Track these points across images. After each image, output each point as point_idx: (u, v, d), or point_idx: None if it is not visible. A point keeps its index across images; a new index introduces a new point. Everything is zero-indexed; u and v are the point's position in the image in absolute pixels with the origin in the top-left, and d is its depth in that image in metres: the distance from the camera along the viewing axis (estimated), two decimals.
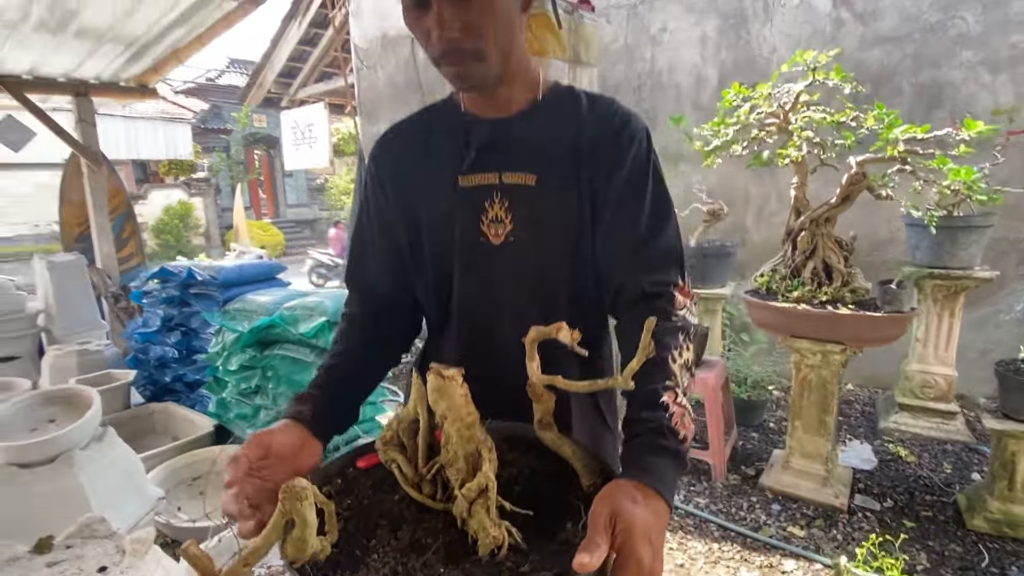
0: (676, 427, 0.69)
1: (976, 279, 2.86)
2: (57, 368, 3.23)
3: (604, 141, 0.86)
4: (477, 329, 0.93)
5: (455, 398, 0.68)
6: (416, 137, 0.94)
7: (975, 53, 3.29)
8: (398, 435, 0.76)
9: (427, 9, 0.75)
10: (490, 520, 0.60)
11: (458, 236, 0.89)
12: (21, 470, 1.71)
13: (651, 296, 0.82)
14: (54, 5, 3.23)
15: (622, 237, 0.85)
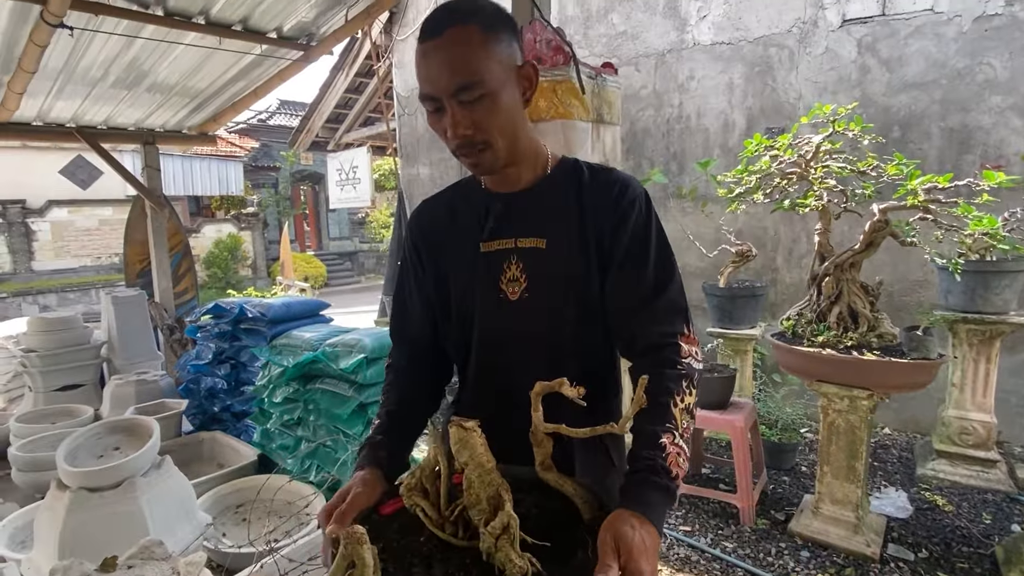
0: (670, 466, 0.80)
1: (1011, 324, 2.81)
2: (117, 396, 3.48)
3: (605, 207, 0.97)
4: (496, 375, 1.06)
5: (476, 447, 0.80)
6: (445, 210, 1.09)
7: (1004, 98, 3.29)
8: (421, 482, 0.87)
9: (444, 112, 0.88)
10: (515, 552, 0.70)
11: (479, 293, 1.02)
12: (91, 494, 1.88)
13: (659, 347, 0.92)
14: (131, 65, 3.60)
15: (630, 294, 0.95)
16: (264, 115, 16.50)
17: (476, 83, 0.85)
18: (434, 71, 0.86)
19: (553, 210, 0.99)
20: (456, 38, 0.85)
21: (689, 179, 4.24)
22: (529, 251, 0.99)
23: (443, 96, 0.86)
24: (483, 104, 0.87)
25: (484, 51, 0.85)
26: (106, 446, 2.16)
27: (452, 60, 0.85)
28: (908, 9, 3.48)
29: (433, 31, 0.86)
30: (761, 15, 3.91)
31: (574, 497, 0.85)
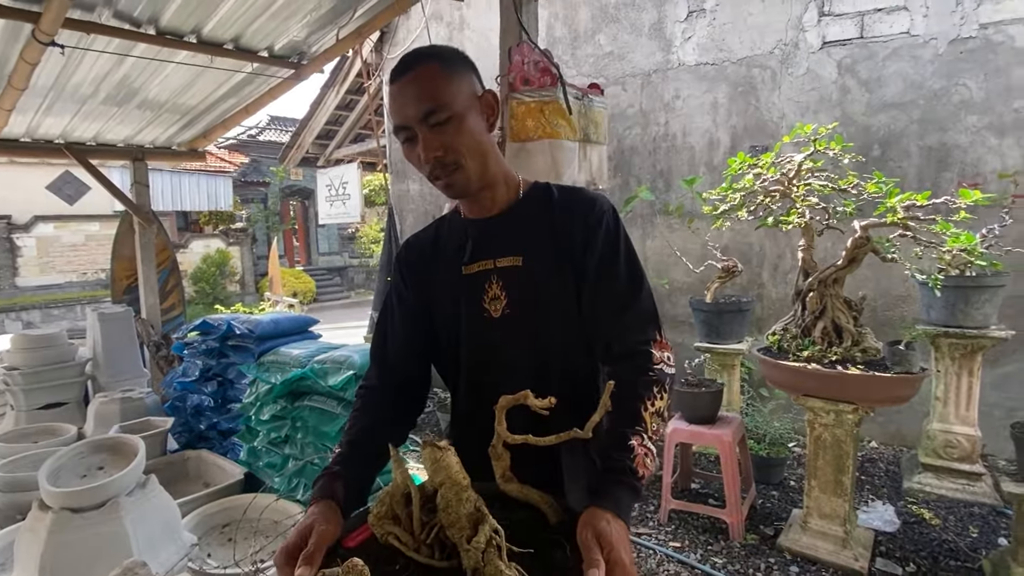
0: (637, 467, 0.85)
1: (992, 338, 2.87)
2: (102, 414, 3.42)
3: (575, 224, 1.03)
4: (486, 391, 1.05)
5: (452, 466, 0.81)
6: (430, 243, 1.16)
7: (979, 118, 3.39)
8: (391, 509, 0.86)
9: (415, 142, 0.97)
10: (503, 563, 0.71)
11: (465, 313, 1.07)
12: (73, 515, 1.84)
13: (632, 355, 0.97)
14: (122, 83, 3.62)
15: (603, 305, 1.01)
16: (254, 131, 16.53)
17: (441, 107, 0.94)
18: (404, 103, 0.96)
19: (527, 230, 1.05)
20: (420, 74, 0.96)
21: (675, 196, 4.31)
22: (507, 270, 1.05)
23: (413, 123, 0.95)
24: (450, 126, 0.95)
25: (445, 81, 0.96)
26: (90, 465, 2.13)
27: (419, 91, 0.95)
28: (885, 32, 3.59)
29: (402, 72, 0.97)
30: (744, 37, 4.01)
31: (539, 504, 0.87)
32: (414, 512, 0.83)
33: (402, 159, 5.77)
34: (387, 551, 0.83)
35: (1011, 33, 3.28)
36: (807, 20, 3.78)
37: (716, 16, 4.08)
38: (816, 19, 3.75)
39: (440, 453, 0.80)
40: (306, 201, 18.31)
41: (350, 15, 3.25)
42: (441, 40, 5.33)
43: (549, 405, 0.83)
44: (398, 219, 5.64)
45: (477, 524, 0.78)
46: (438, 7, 5.21)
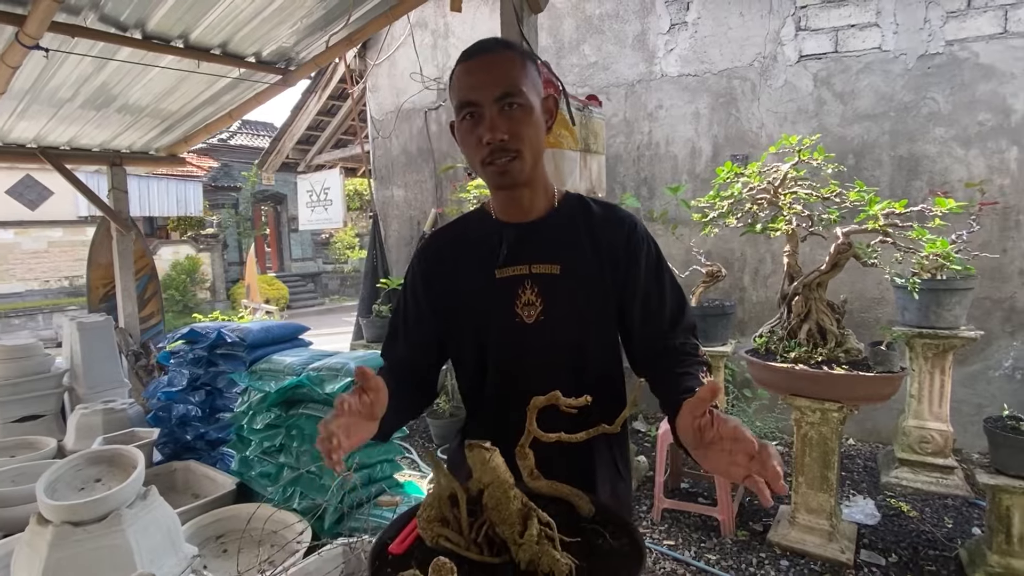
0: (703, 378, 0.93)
1: (962, 338, 3.02)
2: (83, 426, 3.33)
3: (618, 244, 1.06)
4: (514, 397, 1.06)
5: (499, 467, 0.84)
6: (456, 241, 1.15)
7: (946, 130, 3.59)
8: (440, 511, 0.89)
9: (481, 119, 0.96)
10: (558, 553, 0.75)
11: (495, 317, 1.07)
12: (75, 528, 1.81)
13: (681, 351, 1.03)
14: (102, 87, 3.54)
15: (655, 325, 1.06)
16: (225, 135, 16.20)
17: (517, 92, 0.95)
18: (478, 81, 0.96)
19: (566, 239, 1.06)
20: (501, 58, 0.97)
21: (659, 203, 4.41)
22: (543, 276, 1.05)
23: (485, 102, 0.95)
24: (521, 113, 0.96)
25: (523, 71, 0.98)
26: (87, 478, 2.08)
27: (497, 71, 0.96)
28: (858, 47, 3.76)
29: (478, 52, 0.98)
30: (724, 50, 4.15)
31: (570, 497, 0.91)
32: (461, 513, 0.87)
33: (387, 164, 5.77)
34: (435, 553, 0.85)
35: (975, 50, 3.48)
36: (785, 34, 3.94)
37: (698, 29, 4.21)
38: (793, 33, 3.91)
39: (488, 454, 0.84)
40: (278, 206, 18.02)
41: (342, 22, 3.26)
42: (426, 48, 5.36)
43: (583, 404, 0.86)
44: (382, 225, 5.63)
45: (526, 519, 0.82)
46: (423, 15, 5.24)
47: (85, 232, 12.45)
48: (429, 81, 5.25)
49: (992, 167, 3.51)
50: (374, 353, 3.10)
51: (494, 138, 0.95)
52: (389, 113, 5.65)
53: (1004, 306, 3.56)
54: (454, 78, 1.00)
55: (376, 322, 4.43)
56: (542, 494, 0.92)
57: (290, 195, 17.34)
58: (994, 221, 3.50)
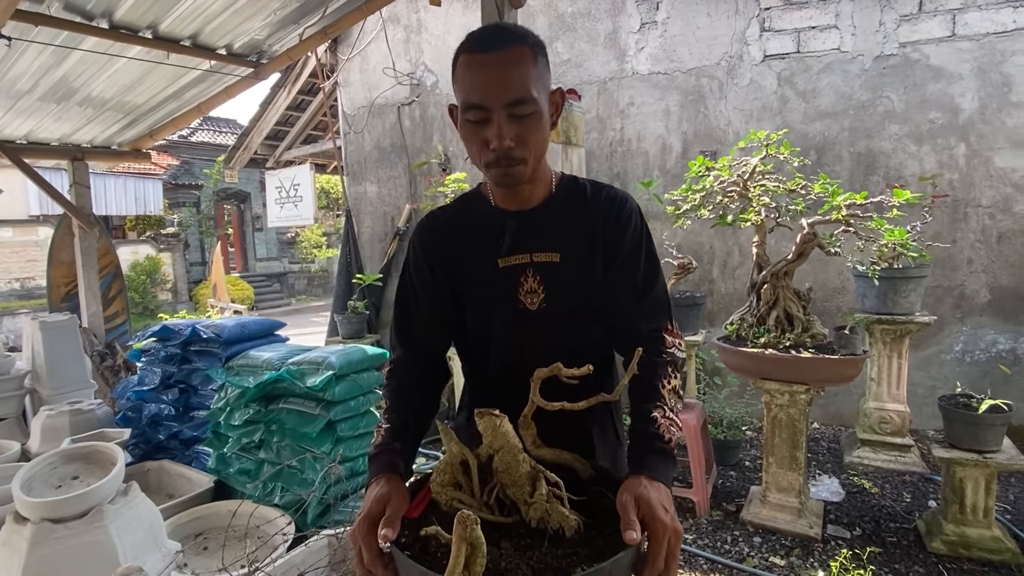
0: (663, 433, 0.92)
1: (917, 323, 3.20)
2: (48, 429, 3.22)
3: (610, 223, 1.08)
4: (515, 382, 1.10)
5: (509, 433, 0.89)
6: (456, 225, 1.14)
7: (901, 127, 3.78)
8: (453, 476, 0.93)
9: (488, 124, 0.93)
10: (567, 510, 0.80)
11: (499, 305, 1.09)
12: (55, 525, 1.77)
13: (647, 339, 1.04)
14: (64, 78, 3.43)
15: (624, 293, 1.08)
16: (186, 131, 15.73)
17: (529, 99, 0.92)
18: (489, 82, 0.91)
19: (564, 226, 1.08)
20: (513, 55, 0.92)
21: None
22: (545, 265, 1.07)
23: (495, 107, 0.91)
24: (530, 120, 0.94)
25: (535, 71, 0.94)
26: (64, 476, 2.04)
27: (509, 75, 0.91)
28: (819, 48, 3.93)
29: (489, 45, 0.93)
30: (693, 49, 4.27)
31: (571, 463, 0.96)
32: (473, 477, 0.91)
33: (360, 160, 5.73)
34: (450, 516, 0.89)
35: (926, 52, 3.68)
36: (750, 35, 4.08)
37: (667, 28, 4.32)
38: (758, 34, 4.06)
39: (499, 421, 0.88)
40: (242, 205, 17.59)
41: (317, 15, 3.23)
42: (398, 43, 5.34)
43: (585, 373, 0.91)
44: (355, 221, 5.58)
45: (535, 481, 0.87)
46: (395, 10, 5.21)
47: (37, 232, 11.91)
48: (402, 76, 5.24)
49: (942, 162, 3.72)
50: (355, 347, 3.09)
51: (501, 146, 0.92)
52: (361, 108, 5.61)
53: (954, 293, 3.78)
54: (459, 68, 0.95)
55: (352, 318, 4.41)
56: (545, 461, 0.97)
57: (254, 193, 16.94)
58: (944, 213, 3.71)
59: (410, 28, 5.32)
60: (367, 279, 4.35)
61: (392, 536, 0.80)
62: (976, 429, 2.43)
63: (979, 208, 3.68)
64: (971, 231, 3.71)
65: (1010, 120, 3.57)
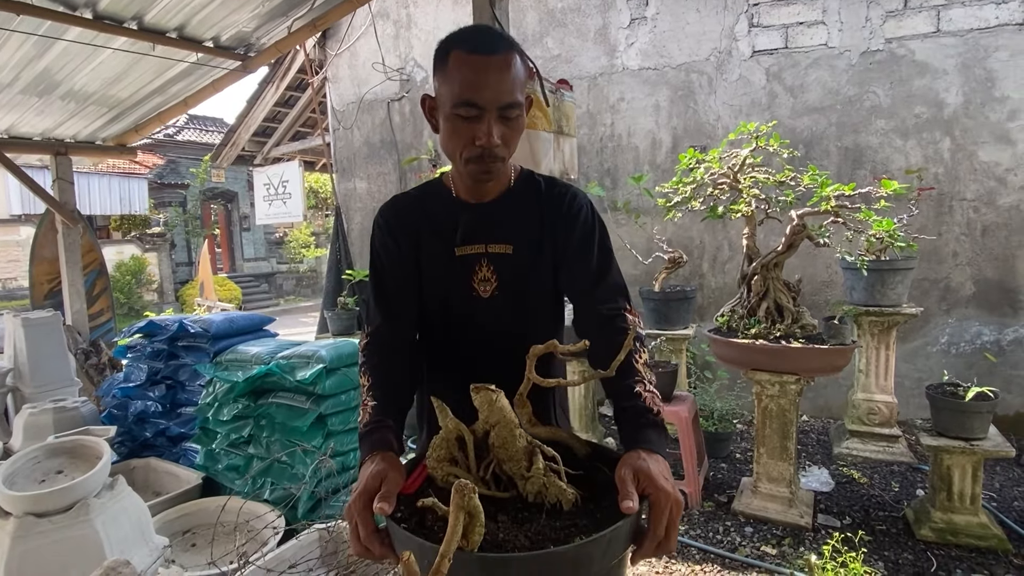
0: (649, 405, 0.95)
1: (905, 315, 3.24)
2: (32, 427, 3.16)
3: (560, 215, 1.15)
4: (466, 363, 1.20)
5: (505, 408, 0.88)
6: (418, 207, 1.19)
7: (887, 122, 3.83)
8: (448, 452, 0.93)
9: (479, 121, 0.97)
10: (564, 484, 0.79)
11: (454, 291, 1.15)
12: (39, 519, 1.73)
13: (609, 318, 1.08)
14: (46, 70, 3.37)
15: (580, 279, 1.14)
16: (172, 130, 15.55)
17: (517, 104, 0.99)
18: (487, 84, 0.96)
19: (518, 220, 1.15)
20: (508, 61, 0.98)
21: (622, 192, 4.53)
22: (498, 256, 1.14)
23: (490, 107, 0.96)
24: (515, 123, 1.01)
25: (521, 79, 1.01)
26: (47, 470, 2.00)
27: (504, 80, 0.97)
28: (807, 44, 3.97)
29: (488, 49, 0.97)
30: (683, 44, 4.29)
31: (567, 440, 0.96)
32: (469, 453, 0.90)
33: (349, 156, 5.69)
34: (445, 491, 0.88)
35: (911, 47, 3.73)
36: (739, 30, 4.11)
37: (657, 24, 4.34)
38: (747, 30, 4.09)
39: (495, 395, 0.87)
40: (229, 204, 17.42)
41: (306, 6, 3.20)
42: (388, 38, 5.31)
43: (582, 348, 0.94)
44: (345, 218, 5.55)
45: (531, 456, 0.86)
46: (384, 5, 5.19)
47: (19, 231, 11.73)
48: (392, 72, 5.22)
49: (928, 156, 3.76)
50: (345, 341, 3.07)
51: (489, 143, 0.98)
52: (350, 104, 5.58)
53: (940, 286, 3.83)
54: (454, 64, 0.97)
55: (342, 315, 4.38)
56: (541, 438, 0.96)
57: (241, 192, 16.79)
58: (930, 207, 3.76)
59: (400, 23, 5.30)
60: (357, 275, 4.32)
61: (388, 510, 0.79)
62: (963, 417, 2.46)
63: (964, 201, 3.73)
64: (956, 224, 3.77)
65: (993, 115, 3.62)
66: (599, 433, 3.70)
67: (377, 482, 0.84)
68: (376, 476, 0.85)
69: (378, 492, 0.82)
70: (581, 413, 3.56)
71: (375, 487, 0.83)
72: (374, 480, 0.84)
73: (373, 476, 0.85)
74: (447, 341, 1.21)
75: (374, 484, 0.83)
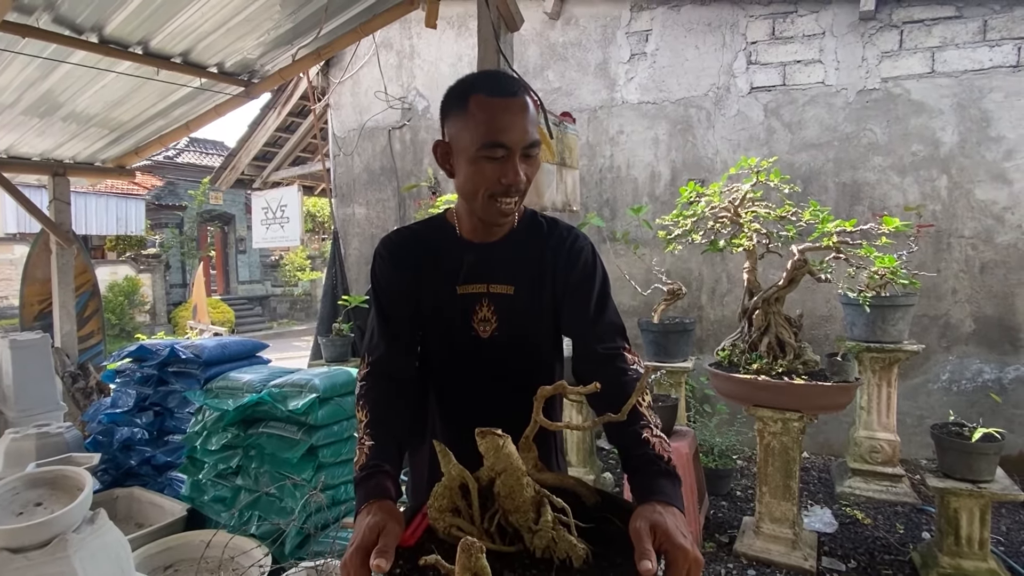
0: (660, 453, 0.92)
1: (906, 352, 3.21)
2: (14, 452, 3.06)
3: (561, 256, 1.15)
4: (468, 397, 1.18)
5: (512, 454, 0.84)
6: (420, 244, 1.18)
7: (884, 159, 3.87)
8: (451, 501, 0.88)
9: (505, 161, 0.99)
10: (574, 539, 0.75)
11: (454, 329, 1.15)
12: (14, 555, 1.65)
13: (607, 358, 1.06)
14: (49, 93, 3.38)
15: (576, 320, 1.14)
16: (171, 152, 15.64)
17: (537, 144, 1.04)
18: (514, 126, 0.99)
19: (520, 261, 1.15)
20: (527, 104, 1.02)
21: (621, 223, 4.54)
22: (499, 296, 1.14)
23: (516, 148, 0.99)
24: (535, 161, 1.05)
25: (535, 118, 1.05)
26: (26, 502, 1.91)
27: (528, 121, 1.01)
28: (804, 81, 4.03)
29: (509, 91, 1.01)
30: (681, 80, 4.36)
31: (575, 488, 0.92)
32: (473, 502, 0.85)
33: (349, 182, 5.71)
34: (447, 544, 0.83)
35: (907, 87, 3.79)
36: (737, 67, 4.18)
37: (656, 59, 4.41)
38: (745, 66, 4.16)
39: (502, 441, 0.83)
40: (226, 226, 17.42)
41: (311, 36, 3.24)
42: (390, 68, 5.38)
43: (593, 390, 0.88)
44: (343, 243, 5.53)
45: (539, 507, 0.81)
46: (388, 35, 5.27)
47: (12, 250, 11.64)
48: (394, 100, 5.27)
49: (925, 194, 3.80)
50: (339, 369, 3.01)
51: (517, 181, 1.00)
52: (351, 131, 5.62)
53: (940, 323, 3.82)
54: (474, 108, 0.99)
55: (336, 341, 4.32)
56: (548, 485, 0.91)
57: (239, 215, 16.81)
58: (928, 243, 3.77)
59: (403, 53, 5.37)
60: (353, 301, 4.28)
61: (386, 567, 0.74)
62: (970, 458, 2.41)
63: (962, 239, 3.75)
64: (955, 261, 3.77)
65: (989, 154, 3.67)
66: (597, 468, 3.61)
67: (374, 535, 0.79)
68: (373, 528, 0.80)
69: (373, 547, 0.77)
70: (579, 447, 3.48)
71: (372, 541, 0.78)
72: (371, 533, 0.80)
73: (370, 528, 0.80)
74: (446, 381, 1.19)
75: (371, 538, 0.79)
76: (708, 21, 4.25)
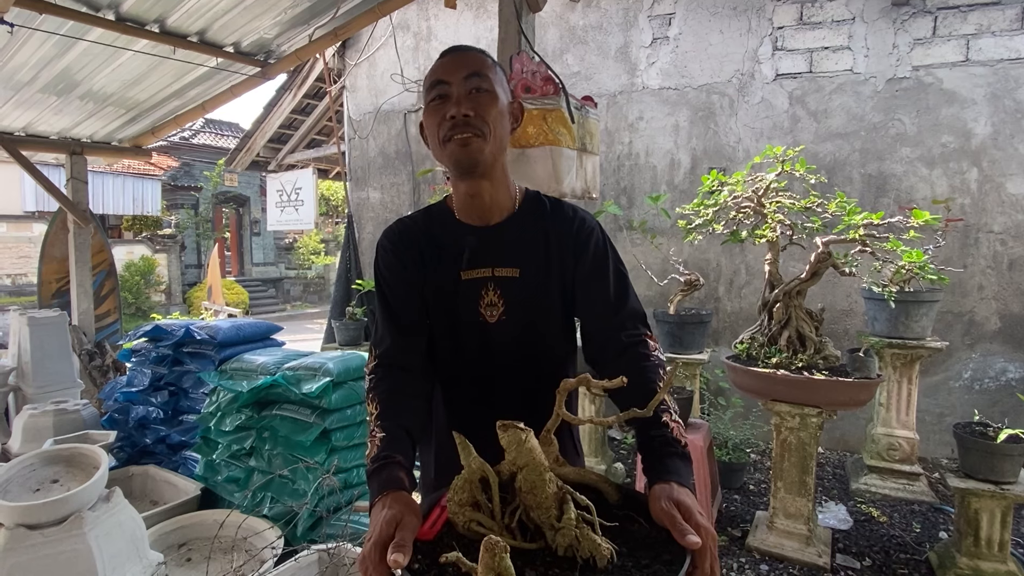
0: (677, 436, 0.93)
1: (929, 348, 3.14)
2: (31, 429, 3.11)
3: (567, 237, 1.12)
4: (476, 387, 1.15)
5: (535, 449, 0.81)
6: (423, 231, 1.16)
7: (912, 150, 3.76)
8: (471, 495, 0.85)
9: (448, 99, 1.01)
10: (598, 537, 0.72)
11: (461, 316, 1.12)
12: (30, 531, 1.67)
13: (629, 346, 1.06)
14: (66, 70, 3.37)
15: (597, 307, 1.11)
16: (187, 133, 15.70)
17: (484, 76, 1.02)
18: (450, 67, 1.03)
19: (524, 243, 1.12)
20: (473, 53, 1.06)
21: (638, 212, 4.47)
22: (505, 279, 1.11)
23: (454, 80, 1.01)
24: (487, 98, 1.02)
25: (493, 68, 1.06)
26: (43, 479, 1.93)
27: (468, 60, 1.03)
28: (831, 68, 3.92)
29: (453, 51, 1.07)
30: (704, 65, 4.25)
31: (598, 484, 0.89)
32: (494, 497, 0.82)
33: (364, 165, 5.68)
34: (467, 539, 0.81)
35: (939, 76, 3.67)
36: (762, 53, 4.07)
37: (679, 44, 4.31)
38: (770, 53, 4.04)
39: (524, 435, 0.80)
40: (240, 208, 17.52)
41: (328, 15, 3.19)
42: (407, 50, 5.32)
43: (618, 385, 0.86)
44: (357, 227, 5.52)
45: (562, 504, 0.79)
46: (405, 17, 5.20)
47: (31, 228, 11.79)
48: (410, 83, 5.21)
49: (954, 187, 3.69)
50: (353, 353, 3.00)
51: (459, 112, 0.99)
52: (367, 114, 5.57)
53: (964, 320, 3.73)
54: (427, 74, 1.07)
55: (349, 324, 4.32)
56: (569, 480, 0.89)
57: (253, 197, 16.88)
58: (955, 238, 3.67)
59: (419, 36, 5.30)
60: (366, 285, 4.27)
61: (404, 562, 0.72)
62: (993, 459, 2.36)
63: (991, 234, 3.64)
64: (982, 257, 3.67)
65: (1023, 146, 3.54)
66: (608, 458, 3.60)
67: (391, 529, 0.77)
68: (391, 522, 0.78)
69: (391, 541, 0.75)
70: (591, 437, 3.46)
71: (390, 535, 0.76)
72: (388, 527, 0.77)
73: (387, 522, 0.78)
74: (453, 370, 1.16)
75: (388, 532, 0.76)
76: (734, 5, 4.13)
